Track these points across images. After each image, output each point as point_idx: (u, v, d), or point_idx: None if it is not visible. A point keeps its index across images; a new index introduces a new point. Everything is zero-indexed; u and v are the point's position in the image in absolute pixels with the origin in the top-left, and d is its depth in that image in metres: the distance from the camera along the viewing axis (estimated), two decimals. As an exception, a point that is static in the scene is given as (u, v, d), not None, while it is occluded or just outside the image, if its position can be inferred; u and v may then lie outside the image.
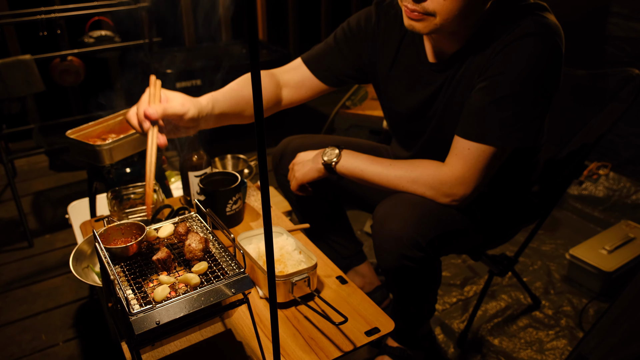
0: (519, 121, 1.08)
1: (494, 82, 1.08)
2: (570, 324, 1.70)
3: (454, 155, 1.15)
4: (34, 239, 2.16)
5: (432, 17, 1.05)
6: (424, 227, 1.15)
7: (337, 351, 1.04)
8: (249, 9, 0.59)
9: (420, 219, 1.15)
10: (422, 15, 1.06)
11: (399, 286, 1.30)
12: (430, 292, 1.35)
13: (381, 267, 1.23)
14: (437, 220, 1.18)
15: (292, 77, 1.38)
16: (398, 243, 1.15)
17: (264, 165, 0.68)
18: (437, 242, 1.19)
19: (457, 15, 1.04)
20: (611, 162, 2.41)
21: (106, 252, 0.92)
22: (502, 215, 1.34)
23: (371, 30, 1.32)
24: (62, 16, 2.32)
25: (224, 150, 2.24)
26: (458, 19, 1.05)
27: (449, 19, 1.04)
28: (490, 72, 1.09)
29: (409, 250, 1.15)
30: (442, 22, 1.05)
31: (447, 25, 1.06)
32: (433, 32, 1.09)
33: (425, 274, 1.24)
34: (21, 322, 1.72)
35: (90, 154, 1.59)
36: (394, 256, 1.16)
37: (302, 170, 1.35)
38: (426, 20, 1.07)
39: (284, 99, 1.38)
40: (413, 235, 1.14)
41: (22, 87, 2.24)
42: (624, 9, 2.29)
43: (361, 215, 2.25)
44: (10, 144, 2.88)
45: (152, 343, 0.90)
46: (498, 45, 1.07)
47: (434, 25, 1.06)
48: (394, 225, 1.15)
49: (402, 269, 1.18)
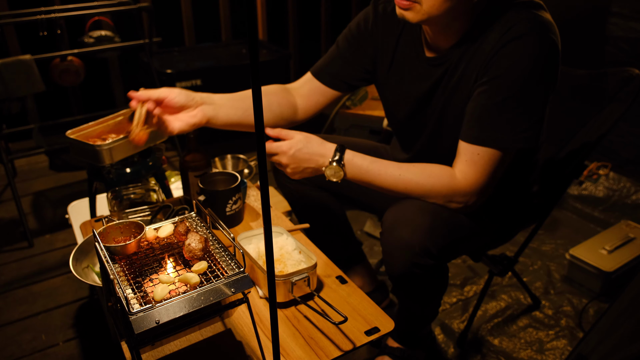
0: (525, 121, 1.08)
1: (495, 85, 1.08)
2: (570, 324, 1.70)
3: (463, 162, 1.13)
4: (34, 239, 2.16)
5: (418, 5, 1.07)
6: (435, 235, 1.13)
7: (337, 351, 1.04)
8: (249, 9, 0.59)
9: (431, 226, 1.13)
10: (409, 2, 1.08)
11: (406, 292, 1.29)
12: (437, 297, 1.34)
13: (390, 273, 1.22)
14: (448, 226, 1.17)
15: (304, 89, 1.40)
16: (409, 251, 1.13)
17: (264, 165, 0.68)
18: (448, 249, 1.18)
19: (442, 3, 1.05)
20: (611, 162, 2.42)
21: (105, 251, 0.92)
22: (505, 216, 1.34)
23: (370, 30, 1.32)
24: (62, 16, 2.32)
25: (224, 150, 2.24)
26: (444, 7, 1.06)
27: (434, 5, 1.06)
28: (490, 73, 1.08)
29: (420, 258, 1.13)
30: (429, 9, 1.06)
31: (434, 13, 1.07)
32: (423, 22, 1.10)
33: (433, 280, 1.23)
34: (21, 322, 1.72)
35: (90, 154, 1.59)
36: (404, 264, 1.15)
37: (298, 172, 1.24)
38: (413, 8, 1.08)
39: (300, 110, 1.40)
40: (425, 243, 1.12)
41: (22, 87, 2.24)
42: (624, 9, 2.29)
43: (361, 215, 2.25)
44: (10, 144, 2.87)
45: (152, 342, 0.90)
46: (496, 44, 1.07)
47: (422, 13, 1.08)
48: (404, 232, 1.13)
49: (412, 276, 1.17)
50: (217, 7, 3.29)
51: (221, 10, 3.30)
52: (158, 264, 0.97)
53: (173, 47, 3.19)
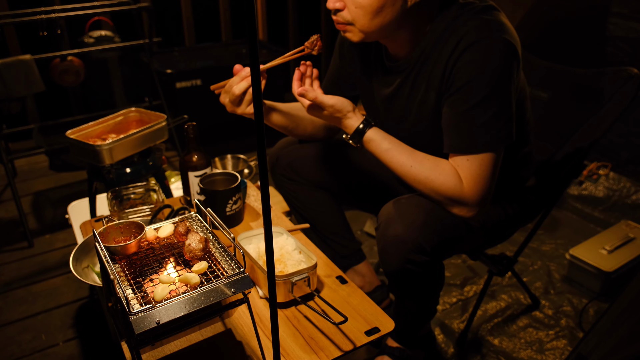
0: (500, 120, 1.10)
1: (461, 94, 1.10)
2: (570, 324, 1.70)
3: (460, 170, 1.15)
4: (34, 239, 2.16)
5: (352, 26, 1.12)
6: (428, 232, 1.15)
7: (337, 351, 1.04)
8: (249, 9, 0.59)
9: (425, 223, 1.15)
10: (345, 25, 1.13)
11: (402, 289, 1.30)
12: (433, 294, 1.35)
13: (385, 270, 1.23)
14: (442, 224, 1.18)
15: None
16: (403, 247, 1.14)
17: (264, 165, 0.68)
18: (442, 247, 1.19)
19: (371, 21, 1.09)
20: (611, 162, 2.42)
21: (106, 251, 0.92)
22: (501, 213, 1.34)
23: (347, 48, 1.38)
24: (62, 16, 2.32)
25: (224, 150, 2.24)
26: (375, 24, 1.09)
27: (365, 24, 1.10)
28: (454, 85, 1.10)
29: (414, 254, 1.15)
30: (362, 27, 1.11)
31: (369, 30, 1.11)
32: (364, 40, 1.14)
33: (428, 277, 1.24)
34: (21, 322, 1.72)
35: (90, 154, 1.59)
36: (398, 260, 1.16)
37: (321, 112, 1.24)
38: (350, 30, 1.14)
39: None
40: (418, 240, 1.14)
41: (22, 87, 2.24)
42: (624, 9, 2.29)
43: (361, 215, 2.25)
44: (10, 144, 2.88)
45: (152, 343, 0.90)
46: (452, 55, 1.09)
47: (360, 33, 1.13)
48: (398, 228, 1.15)
49: (406, 272, 1.18)
50: (217, 7, 3.29)
51: (221, 10, 3.30)
52: (158, 264, 0.97)
53: (173, 47, 3.20)
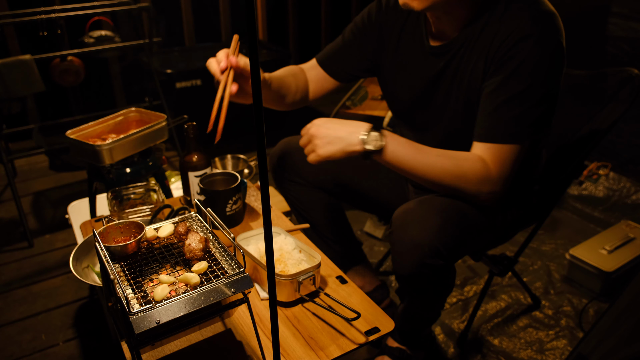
0: (534, 114, 1.11)
1: (505, 83, 1.10)
2: (570, 324, 1.70)
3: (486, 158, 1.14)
4: (34, 239, 2.16)
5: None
6: (446, 235, 1.12)
7: (337, 351, 1.04)
8: (249, 9, 0.59)
9: (442, 226, 1.12)
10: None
11: (412, 293, 1.27)
12: (442, 299, 1.34)
13: (398, 273, 1.20)
14: (458, 226, 1.16)
15: (311, 73, 1.45)
16: (419, 251, 1.11)
17: (264, 165, 0.68)
18: (456, 249, 1.17)
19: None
20: (611, 162, 2.41)
21: (106, 251, 0.92)
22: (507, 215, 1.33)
23: (375, 22, 1.35)
24: (62, 16, 2.32)
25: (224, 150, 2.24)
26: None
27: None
28: (499, 72, 1.10)
29: (430, 258, 1.12)
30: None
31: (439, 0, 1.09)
32: (428, 9, 1.12)
33: (441, 281, 1.22)
34: (21, 322, 1.72)
35: (90, 154, 1.59)
36: (413, 264, 1.13)
37: (329, 148, 1.15)
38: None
39: (310, 92, 1.45)
40: (435, 244, 1.11)
41: (22, 87, 2.24)
42: (624, 9, 2.29)
43: (361, 215, 2.25)
44: (10, 144, 2.88)
45: (152, 342, 0.90)
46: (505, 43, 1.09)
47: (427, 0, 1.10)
48: (414, 231, 1.12)
49: (420, 276, 1.16)
50: (217, 7, 3.29)
51: (221, 10, 3.30)
52: (158, 264, 0.97)
53: (173, 47, 3.19)
